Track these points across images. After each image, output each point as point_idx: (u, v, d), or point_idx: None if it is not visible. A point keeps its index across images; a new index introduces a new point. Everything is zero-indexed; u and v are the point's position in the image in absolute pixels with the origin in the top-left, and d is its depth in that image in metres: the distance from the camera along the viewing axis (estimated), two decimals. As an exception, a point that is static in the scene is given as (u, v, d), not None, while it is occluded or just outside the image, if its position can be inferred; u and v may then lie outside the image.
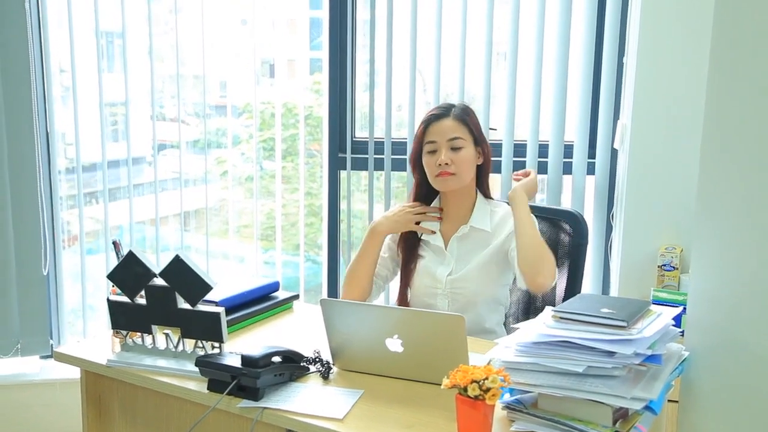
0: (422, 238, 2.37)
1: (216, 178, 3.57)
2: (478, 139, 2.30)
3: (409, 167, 3.17)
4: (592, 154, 3.15)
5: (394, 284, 2.46)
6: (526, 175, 2.37)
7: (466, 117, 2.29)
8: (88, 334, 3.38)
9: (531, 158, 3.13)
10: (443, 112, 2.29)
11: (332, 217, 3.38)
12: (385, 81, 3.20)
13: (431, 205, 2.38)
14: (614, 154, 3.12)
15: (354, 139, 3.32)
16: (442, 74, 3.17)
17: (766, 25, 1.38)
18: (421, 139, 2.29)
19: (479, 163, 2.33)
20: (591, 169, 3.15)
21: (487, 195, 2.38)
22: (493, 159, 2.40)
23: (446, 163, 2.24)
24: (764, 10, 1.38)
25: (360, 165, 3.29)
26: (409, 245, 2.37)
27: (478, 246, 2.30)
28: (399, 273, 2.41)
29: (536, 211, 2.45)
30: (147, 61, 3.27)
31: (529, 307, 2.50)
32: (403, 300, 2.38)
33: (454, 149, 2.24)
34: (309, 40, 3.62)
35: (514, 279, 2.35)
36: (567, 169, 3.15)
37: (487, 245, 2.30)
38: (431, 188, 2.35)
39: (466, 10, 3.10)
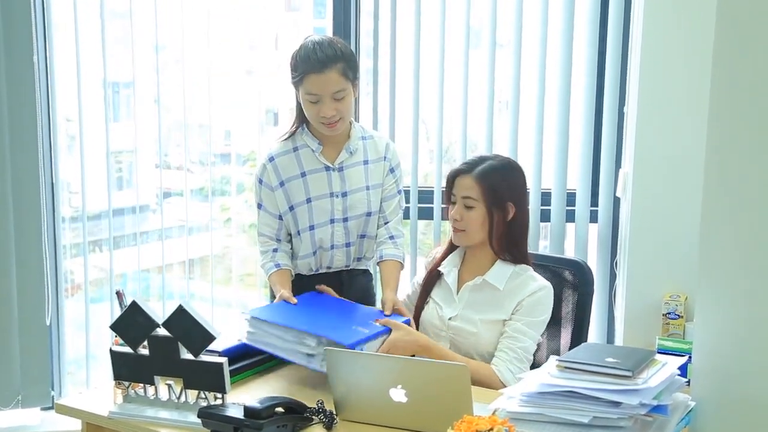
0: (441, 270, 2.37)
1: (220, 225, 3.57)
2: (497, 202, 2.23)
3: (414, 215, 3.22)
4: (594, 202, 3.15)
5: None
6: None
7: (487, 177, 2.23)
8: (91, 384, 3.35)
9: (534, 206, 3.14)
10: (467, 168, 2.27)
11: (336, 265, 3.36)
12: (389, 129, 3.22)
13: (456, 250, 2.38)
14: (617, 202, 3.12)
15: (358, 187, 3.32)
16: (444, 123, 3.19)
17: (765, 74, 1.39)
18: (448, 189, 2.33)
19: (510, 220, 2.26)
20: (594, 217, 3.16)
21: (516, 259, 2.29)
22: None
23: (456, 219, 2.26)
24: (764, 59, 1.40)
25: (363, 213, 3.29)
26: (431, 281, 2.39)
27: (489, 303, 2.27)
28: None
29: (540, 259, 2.44)
30: (153, 110, 3.31)
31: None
32: None
33: (467, 207, 2.26)
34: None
35: None
36: (570, 217, 3.16)
37: (499, 306, 2.26)
38: None
39: (467, 59, 3.14)
